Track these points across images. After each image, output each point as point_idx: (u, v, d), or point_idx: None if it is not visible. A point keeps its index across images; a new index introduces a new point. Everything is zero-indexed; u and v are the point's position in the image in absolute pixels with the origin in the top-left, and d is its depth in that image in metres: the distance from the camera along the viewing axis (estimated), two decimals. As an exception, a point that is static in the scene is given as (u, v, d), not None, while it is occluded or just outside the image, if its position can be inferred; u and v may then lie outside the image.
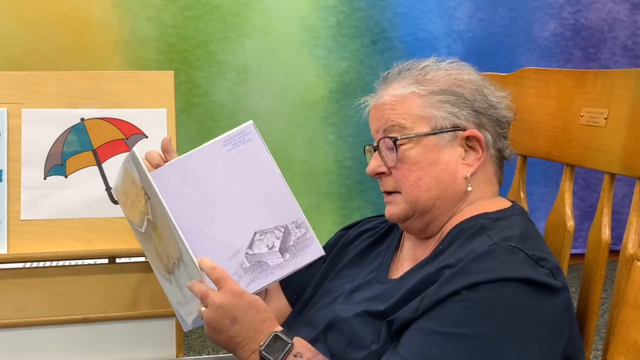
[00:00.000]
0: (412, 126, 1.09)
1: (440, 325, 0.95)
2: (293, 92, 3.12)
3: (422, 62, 1.16)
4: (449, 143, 1.10)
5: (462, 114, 1.10)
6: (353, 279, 1.19)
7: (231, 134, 1.18)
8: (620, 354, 1.05)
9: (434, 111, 1.09)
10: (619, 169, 1.12)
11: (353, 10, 3.14)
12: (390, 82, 1.15)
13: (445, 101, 1.10)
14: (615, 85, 1.14)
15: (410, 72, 1.14)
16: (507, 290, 0.95)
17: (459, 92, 1.11)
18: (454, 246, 1.05)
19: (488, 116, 1.12)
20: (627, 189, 3.30)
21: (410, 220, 1.13)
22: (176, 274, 1.10)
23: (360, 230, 1.30)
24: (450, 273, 0.98)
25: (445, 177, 1.10)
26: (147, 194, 1.06)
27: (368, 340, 1.02)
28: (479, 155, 1.11)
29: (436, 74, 1.13)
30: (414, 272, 1.08)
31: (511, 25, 3.31)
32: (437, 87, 1.11)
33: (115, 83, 1.52)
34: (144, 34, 2.94)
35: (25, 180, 1.45)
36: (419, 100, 1.10)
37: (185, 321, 1.13)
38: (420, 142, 1.09)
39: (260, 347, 0.99)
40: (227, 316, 1.00)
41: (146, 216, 1.10)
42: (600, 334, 2.43)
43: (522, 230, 1.06)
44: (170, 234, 1.03)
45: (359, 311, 1.06)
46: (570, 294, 1.02)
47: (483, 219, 1.08)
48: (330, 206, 3.21)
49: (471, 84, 1.12)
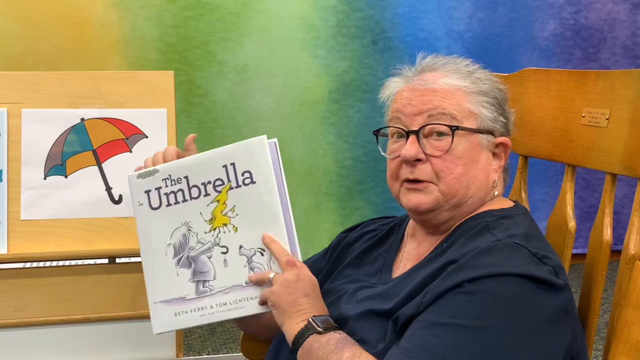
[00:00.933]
0: (462, 119, 1.09)
1: (441, 317, 0.95)
2: (293, 92, 3.12)
3: (459, 59, 1.16)
4: (487, 145, 1.11)
5: (499, 120, 1.12)
6: (354, 279, 1.19)
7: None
8: (622, 354, 1.05)
9: (482, 110, 1.10)
10: (621, 170, 1.12)
11: (353, 10, 3.14)
12: (433, 69, 1.13)
13: (489, 103, 1.11)
14: (616, 85, 1.13)
15: (455, 66, 1.13)
16: (509, 284, 0.95)
17: (499, 97, 1.12)
18: (457, 244, 1.05)
19: (508, 126, 1.15)
20: (628, 189, 3.30)
21: (436, 212, 1.10)
22: (219, 260, 1.13)
23: (362, 232, 1.30)
24: (453, 268, 0.98)
25: (482, 177, 1.11)
26: (245, 179, 1.11)
27: (374, 340, 1.02)
28: (502, 163, 1.13)
29: (481, 75, 1.13)
30: (417, 270, 1.08)
31: (511, 25, 3.31)
32: (484, 88, 1.11)
33: (115, 83, 1.52)
34: (144, 34, 2.94)
35: (25, 180, 1.45)
36: (468, 96, 1.10)
37: (168, 321, 1.15)
38: (468, 137, 1.09)
39: (312, 316, 1.05)
40: (303, 287, 1.07)
41: (213, 203, 1.14)
42: (601, 334, 2.43)
43: (526, 229, 1.06)
44: (256, 218, 1.11)
45: (364, 310, 1.06)
46: (572, 294, 1.02)
47: (488, 217, 1.08)
48: (330, 206, 3.21)
49: (504, 94, 1.14)
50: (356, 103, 3.15)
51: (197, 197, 1.14)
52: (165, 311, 1.15)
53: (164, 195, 1.16)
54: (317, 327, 1.02)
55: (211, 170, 1.13)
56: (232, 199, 1.12)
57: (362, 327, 1.05)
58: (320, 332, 1.02)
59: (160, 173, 1.16)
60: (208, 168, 1.13)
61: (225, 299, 1.12)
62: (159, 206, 1.16)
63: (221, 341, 2.71)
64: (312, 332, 1.02)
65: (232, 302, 1.12)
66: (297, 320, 1.05)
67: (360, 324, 1.05)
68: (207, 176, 1.13)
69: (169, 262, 1.15)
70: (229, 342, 2.71)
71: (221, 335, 2.74)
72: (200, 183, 1.14)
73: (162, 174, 1.16)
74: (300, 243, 1.15)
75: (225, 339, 2.73)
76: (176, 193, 1.15)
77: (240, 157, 1.12)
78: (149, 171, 1.17)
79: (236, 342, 2.67)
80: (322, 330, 1.02)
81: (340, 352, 0.98)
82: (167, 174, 1.16)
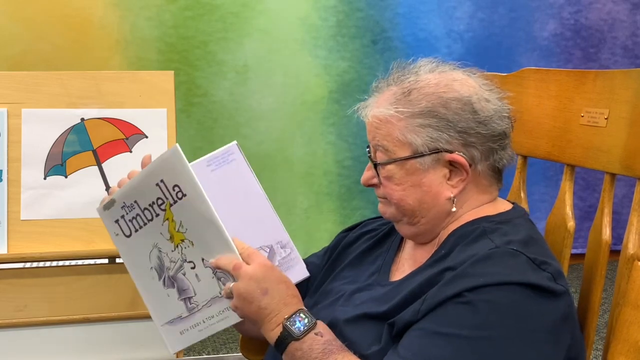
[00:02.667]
0: (394, 150, 1.09)
1: (441, 326, 0.95)
2: (293, 92, 3.12)
3: (414, 70, 1.13)
4: (432, 165, 1.08)
5: (444, 137, 1.07)
6: (353, 280, 1.19)
7: (215, 154, 1.20)
8: (621, 354, 1.05)
9: (414, 136, 1.07)
10: (620, 169, 1.12)
11: (353, 10, 3.14)
12: (380, 92, 1.14)
13: (426, 125, 1.07)
14: (615, 85, 1.13)
15: (398, 87, 1.11)
16: (508, 293, 0.95)
17: (442, 113, 1.07)
18: (456, 250, 1.05)
19: (476, 135, 1.07)
20: (627, 189, 3.30)
21: (399, 225, 1.14)
22: (192, 276, 1.11)
23: (361, 232, 1.30)
24: (452, 275, 0.98)
25: (428, 199, 1.09)
26: (177, 193, 1.08)
27: (367, 342, 1.02)
28: (464, 177, 1.08)
29: (421, 92, 1.09)
30: (415, 275, 1.08)
31: (511, 25, 3.31)
32: (419, 109, 1.07)
33: (115, 83, 1.52)
34: (144, 34, 2.94)
35: (25, 180, 1.45)
36: (399, 123, 1.08)
37: (178, 339, 1.15)
38: (403, 165, 1.09)
39: (284, 319, 1.02)
40: (259, 287, 1.02)
41: (165, 222, 1.11)
42: (601, 334, 2.43)
43: (525, 233, 1.05)
44: (201, 228, 1.07)
45: (358, 313, 1.06)
46: (572, 298, 1.02)
47: (485, 223, 1.07)
48: (330, 206, 3.21)
49: (457, 102, 1.07)
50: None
51: (151, 219, 1.11)
52: (172, 332, 1.15)
53: (129, 222, 1.14)
54: (292, 333, 1.01)
55: (149, 190, 1.10)
56: (176, 214, 1.09)
57: (355, 330, 1.04)
58: (297, 338, 1.00)
59: (117, 202, 1.14)
60: (146, 189, 1.10)
61: (211, 312, 1.11)
62: (130, 234, 1.14)
63: (221, 341, 2.72)
64: (289, 339, 1.01)
65: (216, 314, 1.11)
66: (271, 326, 1.03)
67: (354, 327, 1.05)
68: (149, 197, 1.10)
69: (158, 285, 1.14)
70: (229, 342, 2.72)
71: (221, 335, 2.74)
72: (148, 205, 1.11)
73: (118, 202, 1.14)
74: (300, 243, 1.15)
75: (225, 339, 2.73)
76: (136, 218, 1.13)
77: (164, 172, 1.08)
78: (109, 201, 1.15)
79: (236, 342, 2.68)
80: (299, 336, 1.00)
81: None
82: (121, 201, 1.13)
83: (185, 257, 1.11)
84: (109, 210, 1.15)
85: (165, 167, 1.08)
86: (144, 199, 1.11)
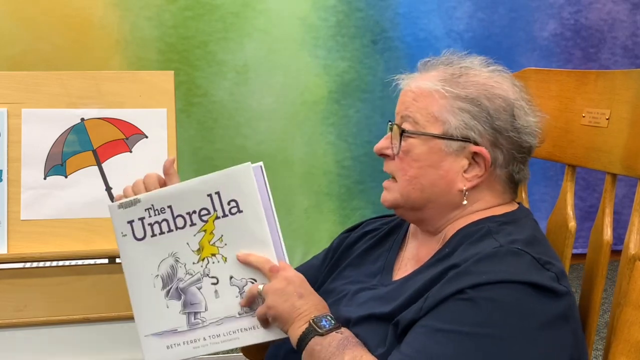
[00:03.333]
0: (425, 124, 1.08)
1: (443, 323, 0.95)
2: (293, 92, 3.12)
3: (467, 60, 1.14)
4: (455, 152, 1.08)
5: (478, 128, 1.07)
6: (355, 280, 1.19)
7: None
8: (622, 354, 1.05)
9: (450, 116, 1.07)
10: (621, 170, 1.12)
11: (353, 10, 3.14)
12: (427, 69, 1.14)
13: (465, 110, 1.07)
14: (616, 85, 1.14)
15: (448, 68, 1.12)
16: (510, 291, 0.95)
17: (485, 105, 1.07)
18: (460, 249, 1.05)
19: (507, 138, 1.08)
20: (628, 189, 3.30)
21: (401, 210, 1.14)
22: (210, 292, 1.11)
23: (363, 232, 1.30)
24: (454, 273, 0.98)
25: (441, 184, 1.09)
26: (232, 209, 1.09)
27: (373, 344, 1.02)
28: (481, 173, 1.08)
29: (470, 79, 1.10)
30: (419, 274, 1.07)
31: (511, 25, 3.31)
32: (464, 93, 1.08)
33: (115, 83, 1.52)
34: (144, 34, 2.94)
35: (25, 180, 1.45)
36: (441, 100, 1.08)
37: (161, 353, 1.12)
38: (427, 142, 1.08)
39: (314, 317, 1.04)
40: (295, 289, 1.06)
41: (200, 233, 1.11)
42: (601, 334, 2.43)
43: (529, 233, 1.05)
44: (246, 246, 1.09)
45: (364, 314, 1.06)
46: (574, 299, 1.02)
47: (490, 223, 1.07)
48: (330, 206, 3.21)
49: (502, 101, 1.08)
50: (356, 103, 3.14)
51: (183, 227, 1.10)
52: (156, 344, 1.12)
53: (148, 225, 1.11)
54: (318, 329, 1.02)
55: (196, 199, 1.09)
56: (219, 228, 1.09)
57: (362, 330, 1.04)
58: (321, 334, 1.01)
59: (142, 202, 1.11)
60: (192, 197, 1.09)
61: (218, 331, 1.10)
62: (143, 237, 1.12)
63: (221, 341, 2.71)
64: (313, 334, 1.01)
65: (225, 333, 1.10)
66: (299, 324, 1.04)
67: (360, 328, 1.05)
68: (191, 205, 1.09)
69: (158, 294, 1.12)
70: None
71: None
72: (185, 212, 1.10)
73: (144, 203, 1.11)
74: (300, 243, 1.15)
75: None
76: (160, 223, 1.11)
77: (225, 186, 1.08)
78: (131, 201, 1.12)
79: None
80: (323, 332, 1.01)
81: (342, 354, 0.98)
82: (149, 203, 1.11)
83: (208, 272, 1.10)
84: (125, 210, 1.12)
85: (228, 181, 1.08)
86: (182, 206, 1.10)
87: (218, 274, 1.10)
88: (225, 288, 1.09)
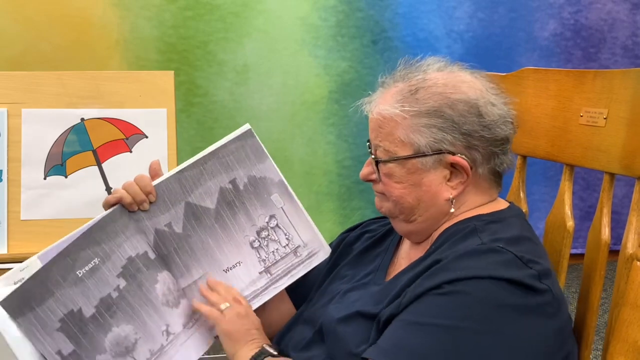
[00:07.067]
0: (395, 149, 1.08)
1: (419, 317, 0.96)
2: (293, 92, 3.12)
3: (422, 67, 1.12)
4: (433, 166, 1.07)
5: (447, 138, 1.06)
6: (350, 279, 1.20)
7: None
8: (620, 354, 1.05)
9: (417, 136, 1.07)
10: (619, 169, 1.12)
11: (353, 10, 3.14)
12: (386, 87, 1.13)
13: (430, 125, 1.06)
14: (614, 85, 1.13)
15: (404, 83, 1.10)
16: (486, 287, 0.96)
17: (448, 114, 1.06)
18: (445, 246, 1.06)
19: (480, 138, 1.07)
20: (628, 189, 3.30)
21: (395, 221, 1.15)
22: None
23: (362, 232, 1.31)
24: (433, 269, 0.99)
25: (426, 198, 1.09)
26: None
27: (356, 342, 1.02)
28: (464, 180, 1.08)
29: (427, 92, 1.08)
30: (405, 273, 1.08)
31: (511, 25, 3.31)
32: (425, 108, 1.07)
33: (115, 83, 1.52)
34: (144, 33, 2.94)
35: (25, 180, 1.45)
36: (403, 122, 1.07)
37: None
38: (404, 164, 1.08)
39: (266, 343, 1.13)
40: (254, 322, 1.16)
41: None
42: (600, 334, 2.43)
43: (515, 232, 1.05)
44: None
45: (352, 312, 1.07)
46: (559, 299, 1.01)
47: (476, 221, 1.07)
48: (330, 206, 3.21)
49: (463, 104, 1.07)
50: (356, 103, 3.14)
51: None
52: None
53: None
54: (271, 350, 1.09)
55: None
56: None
57: (347, 328, 1.05)
58: (274, 355, 1.08)
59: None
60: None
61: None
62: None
63: (221, 341, 2.71)
64: (266, 355, 1.08)
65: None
66: (251, 346, 1.11)
67: (346, 326, 1.06)
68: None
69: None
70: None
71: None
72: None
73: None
74: (300, 243, 1.15)
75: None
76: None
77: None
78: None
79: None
80: (275, 354, 1.08)
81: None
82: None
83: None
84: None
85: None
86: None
87: None
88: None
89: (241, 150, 1.19)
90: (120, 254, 1.08)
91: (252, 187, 1.20)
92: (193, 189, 1.16)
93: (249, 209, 1.20)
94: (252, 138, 1.20)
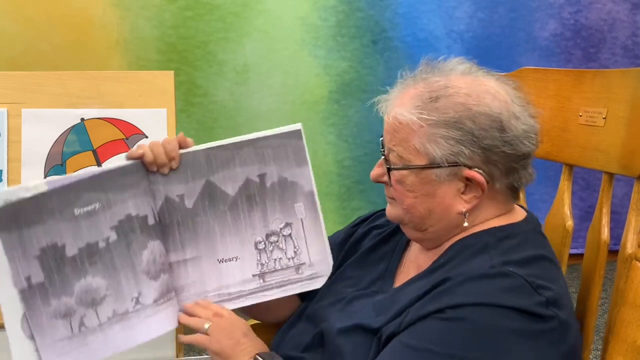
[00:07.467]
0: (409, 157, 1.04)
1: (417, 340, 0.94)
2: (293, 92, 3.12)
3: (444, 71, 1.06)
4: (447, 178, 1.02)
5: (465, 151, 1.01)
6: (356, 282, 1.18)
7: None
8: (619, 354, 1.05)
9: (433, 146, 1.01)
10: (618, 169, 1.12)
11: (353, 10, 3.14)
12: (405, 87, 1.07)
13: (447, 136, 1.01)
14: (613, 85, 1.14)
15: (424, 86, 1.04)
16: (490, 314, 0.92)
17: (468, 127, 1.00)
18: (455, 262, 1.02)
19: (499, 153, 1.01)
20: (628, 188, 3.28)
21: (405, 227, 1.12)
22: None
23: (370, 227, 1.28)
24: (437, 291, 0.96)
25: (439, 210, 1.05)
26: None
27: (356, 357, 1.01)
28: (479, 194, 1.03)
29: (448, 102, 1.01)
30: (412, 284, 1.06)
31: (511, 25, 3.31)
32: (444, 119, 1.01)
33: (115, 83, 1.52)
34: (144, 34, 2.94)
35: (25, 180, 1.45)
36: (420, 130, 1.02)
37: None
38: (417, 173, 1.04)
39: (258, 353, 1.10)
40: (241, 329, 1.12)
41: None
42: (600, 334, 2.43)
43: (530, 252, 1.01)
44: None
45: (354, 324, 1.05)
46: (567, 326, 0.98)
47: (490, 237, 1.04)
48: (330, 206, 3.21)
49: (485, 117, 1.01)
50: (356, 103, 3.14)
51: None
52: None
53: None
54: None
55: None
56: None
57: (347, 341, 1.03)
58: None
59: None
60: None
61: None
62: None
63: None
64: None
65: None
66: (244, 358, 1.08)
67: (346, 338, 1.04)
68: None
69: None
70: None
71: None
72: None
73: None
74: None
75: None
76: None
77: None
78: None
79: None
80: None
81: None
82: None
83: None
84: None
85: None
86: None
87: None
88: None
89: (282, 147, 1.14)
90: (121, 208, 1.06)
91: (279, 188, 1.16)
92: (219, 169, 1.13)
93: (267, 209, 1.16)
94: (298, 140, 1.15)
